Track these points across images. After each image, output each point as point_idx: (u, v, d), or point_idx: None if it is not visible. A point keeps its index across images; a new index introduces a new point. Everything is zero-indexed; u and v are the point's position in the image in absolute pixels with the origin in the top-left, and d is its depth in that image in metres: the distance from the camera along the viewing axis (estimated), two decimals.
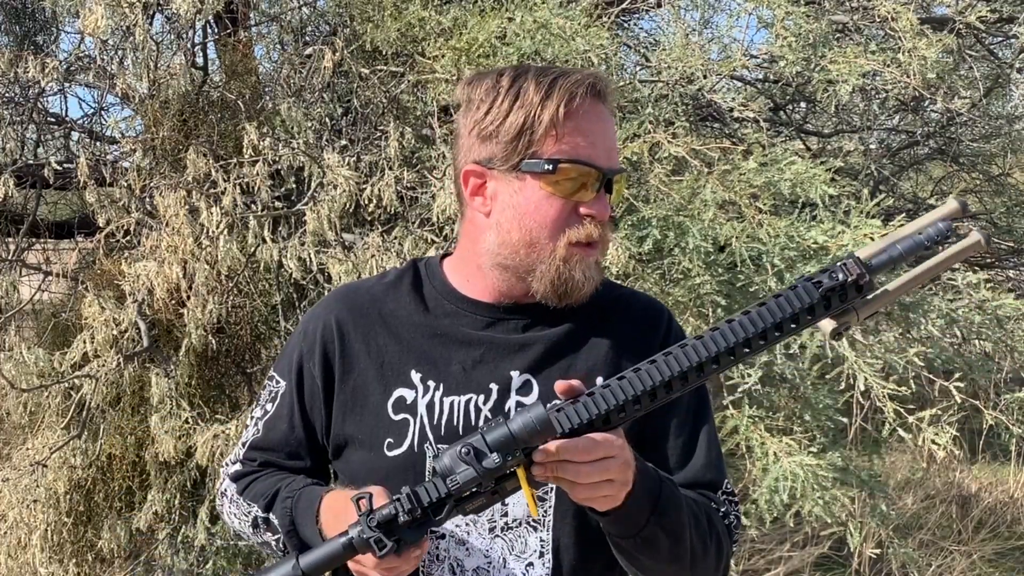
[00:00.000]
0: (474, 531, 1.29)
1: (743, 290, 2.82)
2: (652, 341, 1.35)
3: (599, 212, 1.25)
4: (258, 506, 1.33)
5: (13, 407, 3.66)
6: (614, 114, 1.30)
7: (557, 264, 1.25)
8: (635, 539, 1.19)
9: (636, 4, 3.82)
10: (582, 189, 1.24)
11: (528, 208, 1.25)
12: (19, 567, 3.32)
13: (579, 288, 1.27)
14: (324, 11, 4.10)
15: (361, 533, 1.10)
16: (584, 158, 1.23)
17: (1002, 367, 3.88)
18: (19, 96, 3.90)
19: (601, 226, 1.26)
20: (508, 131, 1.24)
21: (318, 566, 1.13)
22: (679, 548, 1.22)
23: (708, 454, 1.34)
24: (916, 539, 4.30)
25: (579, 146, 1.23)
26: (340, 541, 1.12)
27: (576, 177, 1.23)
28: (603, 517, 1.18)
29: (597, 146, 1.24)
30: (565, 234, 1.24)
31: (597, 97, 1.25)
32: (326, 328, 1.36)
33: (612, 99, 1.29)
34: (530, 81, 1.24)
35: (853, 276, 1.09)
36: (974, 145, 5.13)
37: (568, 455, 1.07)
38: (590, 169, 1.23)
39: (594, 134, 1.24)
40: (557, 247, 1.25)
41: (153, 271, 3.10)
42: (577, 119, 1.23)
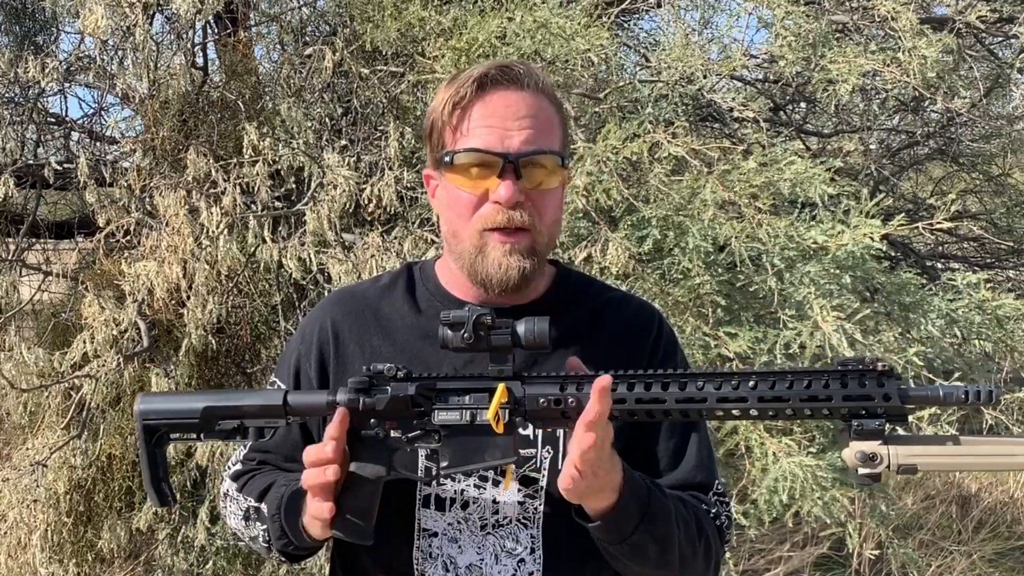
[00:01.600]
0: (466, 529, 1.31)
1: (743, 290, 2.82)
2: (643, 344, 1.36)
3: (502, 198, 1.23)
4: (252, 497, 1.35)
5: (13, 407, 3.66)
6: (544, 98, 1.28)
7: (472, 252, 1.27)
8: (623, 545, 1.20)
9: (636, 4, 3.82)
10: (484, 177, 1.24)
11: (449, 201, 1.29)
12: (19, 567, 3.32)
13: (496, 271, 1.26)
14: (324, 11, 4.10)
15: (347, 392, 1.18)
16: (476, 146, 1.24)
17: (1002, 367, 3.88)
18: (19, 96, 3.90)
19: (519, 210, 1.24)
20: (427, 133, 1.31)
21: (301, 405, 1.20)
22: (668, 554, 1.23)
23: (699, 455, 1.35)
24: (916, 539, 4.29)
25: (476, 134, 1.24)
26: (325, 394, 1.20)
27: (475, 165, 1.24)
28: (591, 523, 1.19)
29: (495, 131, 1.24)
30: (475, 223, 1.26)
31: (505, 83, 1.25)
32: (322, 330, 1.38)
33: (532, 80, 1.27)
34: (446, 81, 1.29)
35: (872, 358, 1.07)
36: (974, 145, 5.13)
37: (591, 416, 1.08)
38: (484, 155, 1.23)
39: (491, 119, 1.24)
40: (471, 235, 1.26)
41: (153, 271, 3.10)
42: (470, 109, 1.25)
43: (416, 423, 1.17)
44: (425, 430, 1.17)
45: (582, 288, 1.40)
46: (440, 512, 1.31)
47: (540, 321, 1.13)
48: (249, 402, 1.22)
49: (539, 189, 1.25)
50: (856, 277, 2.73)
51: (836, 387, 1.07)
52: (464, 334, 1.13)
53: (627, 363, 1.32)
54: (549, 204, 1.28)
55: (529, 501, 1.30)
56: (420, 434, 1.17)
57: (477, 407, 1.15)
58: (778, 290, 2.67)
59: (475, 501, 1.30)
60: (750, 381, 1.09)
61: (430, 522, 1.31)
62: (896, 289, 2.90)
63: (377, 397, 1.16)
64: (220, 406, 1.21)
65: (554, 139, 1.28)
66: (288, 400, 1.20)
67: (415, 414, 1.17)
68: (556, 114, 1.30)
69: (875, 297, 2.99)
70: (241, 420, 1.21)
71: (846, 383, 1.07)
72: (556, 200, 1.30)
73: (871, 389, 1.06)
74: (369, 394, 1.17)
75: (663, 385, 1.11)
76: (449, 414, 1.15)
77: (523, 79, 1.26)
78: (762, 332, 2.70)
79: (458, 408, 1.15)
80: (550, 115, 1.28)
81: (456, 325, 1.13)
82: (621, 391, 1.11)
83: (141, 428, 1.22)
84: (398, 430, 1.17)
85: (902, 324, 2.93)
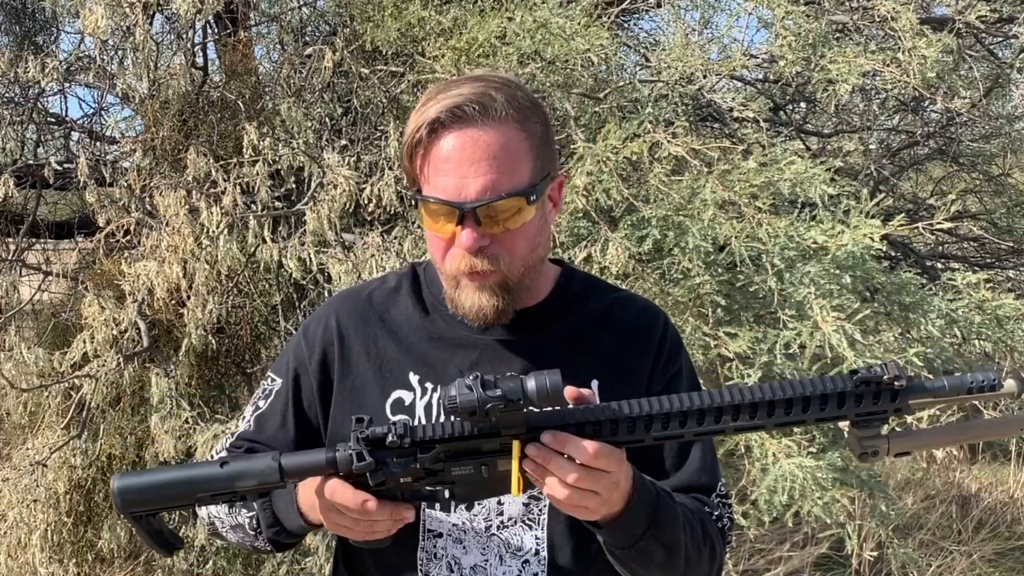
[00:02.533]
0: (471, 529, 1.30)
1: (743, 290, 2.82)
2: (648, 345, 1.36)
3: (462, 245, 1.21)
4: None
5: (13, 407, 3.66)
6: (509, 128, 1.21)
7: (451, 290, 1.28)
8: (631, 550, 1.19)
9: (636, 4, 3.82)
10: (448, 222, 1.21)
11: (426, 234, 1.29)
12: (19, 567, 3.32)
13: (470, 311, 1.26)
14: (324, 11, 4.10)
15: (347, 450, 1.11)
16: (435, 194, 1.21)
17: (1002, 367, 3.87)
18: (19, 96, 3.90)
19: (480, 257, 1.22)
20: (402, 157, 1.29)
21: (296, 468, 1.14)
22: (674, 559, 1.23)
23: (703, 458, 1.34)
24: (916, 539, 4.29)
25: (431, 182, 1.22)
26: (324, 454, 1.13)
27: (433, 212, 1.22)
28: (599, 528, 1.18)
29: (450, 178, 1.20)
30: (446, 263, 1.26)
31: (450, 127, 1.19)
32: (327, 330, 1.37)
33: (485, 117, 1.19)
34: (417, 108, 1.24)
35: (891, 375, 1.08)
36: (974, 145, 5.13)
37: (572, 450, 1.08)
38: (442, 205, 1.20)
39: (445, 166, 1.20)
40: (447, 273, 1.27)
41: (153, 271, 3.11)
42: (428, 154, 1.22)
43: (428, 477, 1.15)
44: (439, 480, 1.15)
45: (587, 289, 1.40)
46: (445, 512, 1.30)
47: (552, 377, 1.08)
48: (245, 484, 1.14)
49: (505, 231, 1.22)
50: (856, 277, 2.73)
51: (851, 406, 1.09)
52: (478, 421, 1.09)
53: (631, 365, 1.33)
54: (518, 241, 1.24)
55: (534, 502, 1.30)
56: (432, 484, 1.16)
57: (491, 458, 1.12)
58: (778, 290, 2.67)
59: (480, 502, 1.30)
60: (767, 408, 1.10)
61: (435, 523, 1.31)
62: (896, 289, 2.90)
63: (388, 473, 1.12)
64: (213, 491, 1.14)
65: (519, 175, 1.21)
66: (284, 466, 1.14)
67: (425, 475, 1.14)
68: (524, 142, 1.22)
69: (875, 297, 2.99)
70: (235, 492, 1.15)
71: (861, 401, 1.09)
72: (527, 234, 1.24)
73: (885, 404, 1.08)
74: (375, 475, 1.12)
75: (681, 422, 1.11)
76: (463, 469, 1.14)
77: (477, 118, 1.19)
78: (762, 332, 2.70)
79: (472, 463, 1.13)
80: (514, 148, 1.21)
81: (464, 411, 1.07)
82: (639, 433, 1.12)
83: (128, 516, 1.16)
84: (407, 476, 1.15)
85: (902, 324, 2.93)
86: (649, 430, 1.11)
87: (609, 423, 1.11)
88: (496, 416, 1.07)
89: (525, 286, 1.28)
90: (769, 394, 1.10)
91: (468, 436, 1.12)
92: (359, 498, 1.13)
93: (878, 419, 1.10)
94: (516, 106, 1.22)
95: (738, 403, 1.10)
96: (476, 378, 1.07)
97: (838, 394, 1.09)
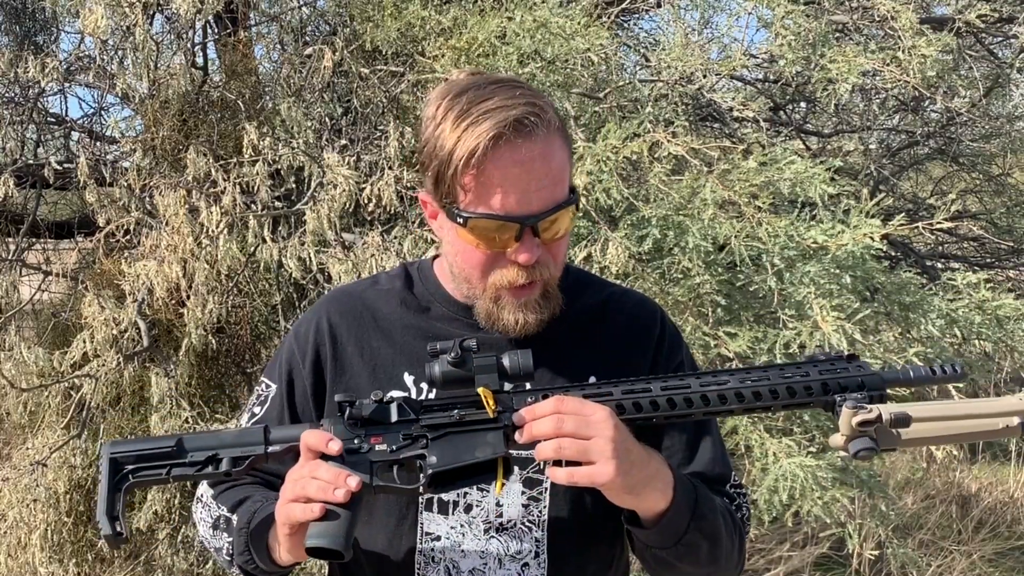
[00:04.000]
0: (469, 532, 1.29)
1: (743, 290, 2.82)
2: (647, 340, 1.35)
3: (523, 260, 1.20)
4: (226, 507, 1.31)
5: (13, 407, 3.66)
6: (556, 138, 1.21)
7: (488, 304, 1.25)
8: (677, 547, 1.19)
9: (636, 4, 3.82)
10: (502, 238, 1.19)
11: (460, 249, 1.24)
12: (19, 567, 3.32)
13: (513, 327, 1.25)
14: (324, 11, 4.10)
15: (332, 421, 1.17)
16: (496, 211, 1.17)
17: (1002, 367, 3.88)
18: (19, 96, 3.90)
19: (536, 267, 1.21)
20: (431, 176, 1.22)
21: (283, 436, 1.18)
22: (717, 549, 1.22)
23: (714, 448, 1.34)
24: (916, 539, 4.29)
25: (488, 199, 1.17)
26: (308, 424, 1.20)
27: (489, 230, 1.19)
28: (644, 530, 1.18)
29: (511, 194, 1.17)
30: (491, 277, 1.23)
31: (520, 135, 1.16)
32: (319, 331, 1.36)
33: (545, 128, 1.18)
34: (448, 120, 1.18)
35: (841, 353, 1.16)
36: (974, 145, 5.13)
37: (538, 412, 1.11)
38: (503, 223, 1.18)
39: (507, 182, 1.16)
40: (487, 287, 1.24)
41: (153, 271, 3.10)
42: (486, 170, 1.16)
43: (403, 435, 1.16)
44: (412, 437, 1.15)
45: (581, 285, 1.39)
46: (443, 515, 1.29)
47: (523, 354, 1.15)
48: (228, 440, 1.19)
49: (556, 239, 1.23)
50: (856, 277, 2.73)
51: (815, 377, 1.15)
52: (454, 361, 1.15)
53: (630, 359, 1.32)
54: (561, 248, 1.25)
55: (533, 504, 1.29)
56: (407, 443, 1.15)
57: (465, 407, 1.15)
58: (778, 290, 2.67)
59: (478, 504, 1.29)
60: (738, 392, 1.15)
61: (433, 525, 1.30)
62: (896, 289, 2.90)
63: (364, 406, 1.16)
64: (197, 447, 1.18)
65: (565, 183, 1.22)
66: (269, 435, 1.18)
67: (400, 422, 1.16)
68: (564, 148, 1.23)
69: (875, 297, 2.99)
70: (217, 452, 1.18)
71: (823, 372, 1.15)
72: (567, 240, 1.27)
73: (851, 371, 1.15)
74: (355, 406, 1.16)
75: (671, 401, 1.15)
76: (438, 418, 1.15)
77: (535, 130, 1.17)
78: (762, 332, 2.70)
79: (446, 408, 1.16)
80: (562, 157, 1.21)
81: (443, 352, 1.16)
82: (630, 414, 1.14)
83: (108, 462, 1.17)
84: (383, 444, 1.15)
85: (902, 324, 2.93)
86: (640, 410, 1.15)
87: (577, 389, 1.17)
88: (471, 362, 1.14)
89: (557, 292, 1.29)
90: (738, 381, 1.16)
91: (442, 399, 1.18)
92: (325, 436, 1.14)
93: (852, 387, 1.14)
94: (554, 112, 1.22)
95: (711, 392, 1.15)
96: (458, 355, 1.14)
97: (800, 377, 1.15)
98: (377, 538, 1.31)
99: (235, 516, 1.28)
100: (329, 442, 1.12)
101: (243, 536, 1.24)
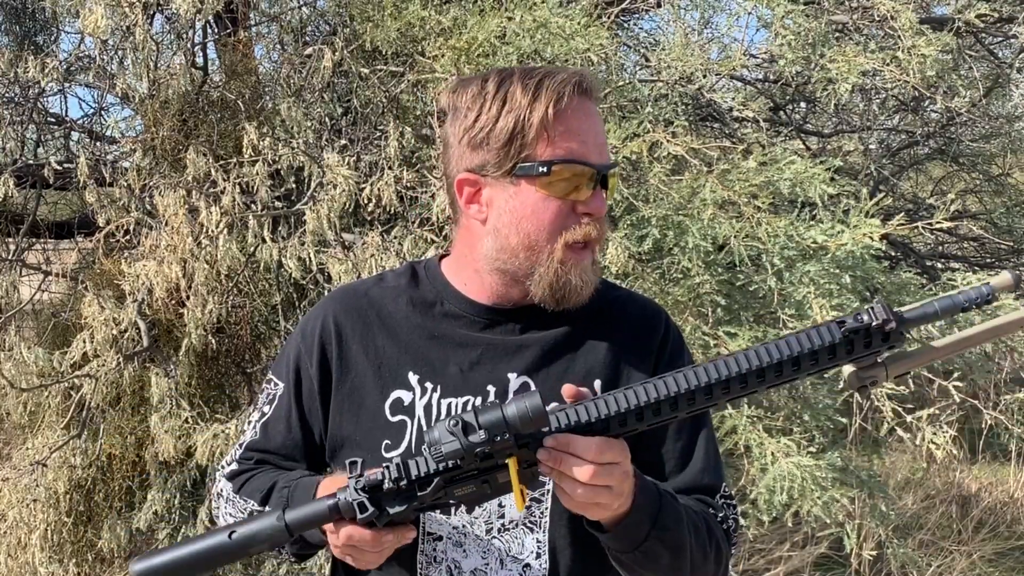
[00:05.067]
0: (471, 533, 1.29)
1: (743, 289, 2.82)
2: (650, 344, 1.35)
3: (596, 209, 1.24)
4: (255, 500, 1.32)
5: (13, 407, 3.66)
6: (601, 109, 1.33)
7: (555, 267, 1.25)
8: (635, 553, 1.19)
9: (636, 4, 3.81)
10: (577, 188, 1.24)
11: (525, 212, 1.25)
12: (19, 567, 3.32)
13: (576, 292, 1.26)
14: (324, 11, 4.10)
15: (347, 496, 1.12)
16: (578, 157, 1.23)
17: (1002, 367, 3.88)
18: (19, 96, 3.89)
19: (599, 223, 1.27)
20: (499, 137, 1.23)
21: (301, 521, 1.14)
22: (679, 560, 1.22)
23: (706, 458, 1.34)
24: (916, 539, 4.29)
25: (571, 145, 1.23)
26: (326, 503, 1.13)
27: (571, 177, 1.23)
28: (603, 533, 1.18)
29: (588, 143, 1.24)
30: (563, 235, 1.24)
31: (584, 94, 1.25)
32: (324, 329, 1.36)
33: (599, 94, 1.30)
34: (516, 84, 1.23)
35: (879, 321, 1.08)
36: (974, 145, 5.13)
37: (578, 450, 1.08)
38: (584, 167, 1.23)
39: (584, 132, 1.24)
40: (555, 249, 1.24)
41: (153, 271, 3.10)
42: (567, 119, 1.22)
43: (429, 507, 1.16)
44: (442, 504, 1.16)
45: None
46: (445, 516, 1.30)
47: (531, 399, 1.08)
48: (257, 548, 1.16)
49: (607, 199, 1.28)
50: (856, 277, 2.73)
51: (842, 356, 1.10)
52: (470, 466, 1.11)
53: (633, 363, 1.33)
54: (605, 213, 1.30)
55: (535, 505, 1.29)
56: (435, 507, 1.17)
57: (491, 475, 1.12)
58: (778, 290, 2.67)
59: (481, 505, 1.29)
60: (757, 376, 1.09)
61: (435, 525, 1.30)
62: (896, 289, 2.90)
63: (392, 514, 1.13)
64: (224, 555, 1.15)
65: None
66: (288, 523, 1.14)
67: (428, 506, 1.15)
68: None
69: (875, 297, 2.99)
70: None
71: (853, 350, 1.09)
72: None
73: (878, 346, 1.09)
74: (381, 518, 1.12)
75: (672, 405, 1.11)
76: (464, 489, 1.13)
77: (595, 92, 1.28)
78: (762, 332, 2.70)
79: (473, 479, 1.13)
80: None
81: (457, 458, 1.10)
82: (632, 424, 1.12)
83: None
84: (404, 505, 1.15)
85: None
86: (642, 420, 1.11)
87: (601, 421, 1.11)
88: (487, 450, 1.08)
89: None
90: (756, 361, 1.09)
91: (464, 468, 1.11)
92: (377, 537, 1.13)
93: (874, 356, 1.10)
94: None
95: (727, 376, 1.09)
96: (456, 423, 1.07)
97: (828, 347, 1.09)
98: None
99: (268, 508, 1.29)
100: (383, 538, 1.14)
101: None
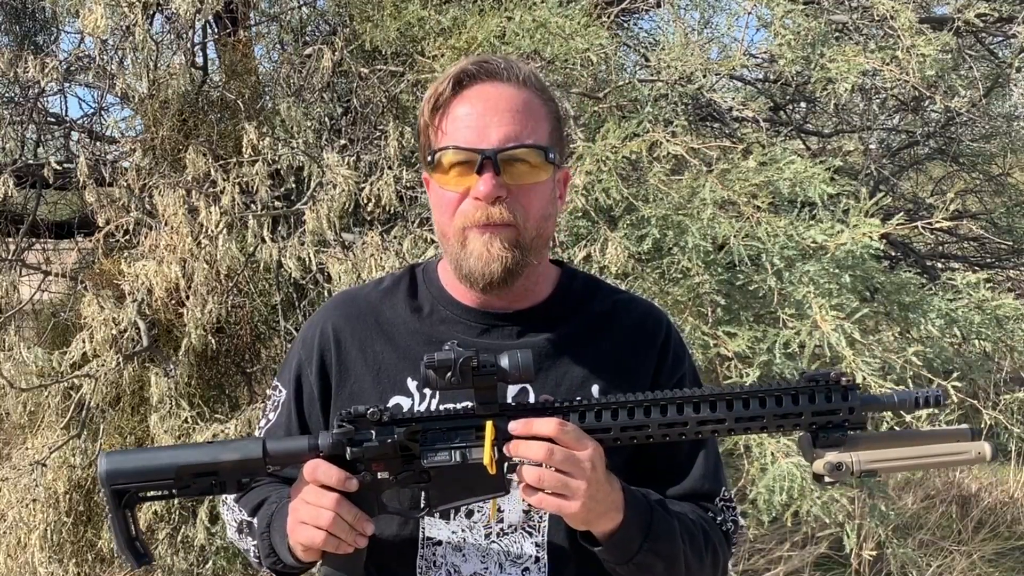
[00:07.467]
0: (470, 537, 1.29)
1: (742, 289, 2.82)
2: (650, 349, 1.35)
3: (480, 193, 1.20)
4: (246, 511, 1.33)
5: (13, 407, 3.65)
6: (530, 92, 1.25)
7: (457, 249, 1.25)
8: (629, 565, 1.19)
9: (636, 4, 3.82)
10: (465, 175, 1.22)
11: (436, 202, 1.29)
12: (19, 567, 3.31)
13: (476, 268, 1.23)
14: (324, 11, 4.10)
15: (329, 436, 1.15)
16: (454, 143, 1.22)
17: (1002, 367, 3.88)
18: (19, 96, 3.89)
19: (498, 206, 1.21)
20: (420, 134, 1.30)
21: (280, 451, 1.17)
22: (674, 569, 1.23)
23: (706, 464, 1.34)
24: (916, 539, 4.29)
25: (451, 132, 1.23)
26: (308, 440, 1.17)
27: (455, 163, 1.22)
28: (596, 546, 1.18)
29: (473, 127, 1.22)
30: (456, 219, 1.24)
31: (477, 79, 1.23)
32: (323, 336, 1.36)
33: (515, 75, 1.25)
34: (433, 83, 1.28)
35: (836, 374, 1.15)
36: (974, 145, 5.13)
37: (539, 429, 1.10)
38: (462, 152, 1.21)
39: (469, 116, 1.22)
40: (455, 232, 1.25)
41: (152, 271, 3.10)
42: (449, 107, 1.24)
43: (404, 465, 1.16)
44: (414, 471, 1.16)
45: (589, 290, 1.38)
46: (444, 521, 1.29)
47: (523, 353, 1.11)
48: (227, 457, 1.17)
49: (522, 184, 1.22)
50: (856, 276, 2.73)
51: (805, 403, 1.15)
52: (451, 378, 1.10)
53: (633, 368, 1.32)
54: (534, 198, 1.24)
55: (534, 509, 1.29)
56: (409, 475, 1.16)
57: (466, 446, 1.14)
58: (777, 289, 2.67)
59: (479, 509, 1.29)
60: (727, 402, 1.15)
61: (434, 530, 1.30)
62: (896, 289, 2.90)
63: (365, 447, 1.14)
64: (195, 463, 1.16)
65: (539, 133, 1.24)
66: (268, 449, 1.16)
67: (403, 458, 1.15)
68: (543, 107, 1.26)
69: (875, 297, 2.99)
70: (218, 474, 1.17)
71: (814, 398, 1.14)
72: (542, 194, 1.25)
73: (837, 403, 1.14)
74: (355, 443, 1.14)
75: (646, 411, 1.15)
76: (439, 455, 1.14)
77: (502, 72, 1.24)
78: (761, 331, 2.70)
79: (447, 449, 1.14)
80: (535, 109, 1.25)
81: (441, 369, 1.11)
82: (606, 420, 1.14)
83: (109, 492, 1.15)
84: (385, 471, 1.16)
85: (902, 324, 2.93)
86: (616, 419, 1.14)
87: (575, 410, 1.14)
88: (470, 374, 1.10)
89: (536, 252, 1.26)
90: (727, 392, 1.15)
91: (444, 415, 1.16)
92: (341, 474, 1.13)
93: (834, 425, 1.15)
94: (538, 80, 1.28)
95: (697, 397, 1.15)
96: (453, 343, 1.12)
97: (792, 389, 1.15)
98: (379, 542, 1.31)
99: (255, 520, 1.30)
100: (347, 481, 1.13)
101: (266, 540, 1.27)
